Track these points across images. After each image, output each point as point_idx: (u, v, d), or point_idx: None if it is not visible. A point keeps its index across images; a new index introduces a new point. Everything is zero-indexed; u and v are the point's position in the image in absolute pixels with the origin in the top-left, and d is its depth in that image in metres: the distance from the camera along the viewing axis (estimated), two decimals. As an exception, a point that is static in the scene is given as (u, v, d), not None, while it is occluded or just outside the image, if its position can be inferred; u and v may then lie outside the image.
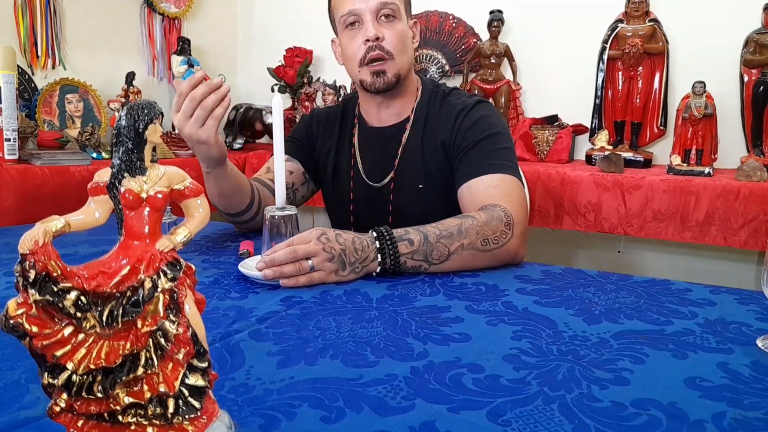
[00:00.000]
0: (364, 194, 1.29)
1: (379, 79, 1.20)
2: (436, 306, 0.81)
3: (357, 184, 1.30)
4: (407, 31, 1.23)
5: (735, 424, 0.51)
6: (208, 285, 0.89)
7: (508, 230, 1.01)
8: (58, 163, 1.75)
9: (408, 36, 1.23)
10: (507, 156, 1.16)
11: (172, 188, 0.41)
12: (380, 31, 1.17)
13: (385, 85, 1.20)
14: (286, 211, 0.94)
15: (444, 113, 1.24)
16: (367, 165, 1.29)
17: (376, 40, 1.17)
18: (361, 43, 1.18)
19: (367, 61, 1.18)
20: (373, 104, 1.28)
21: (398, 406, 0.53)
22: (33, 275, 0.37)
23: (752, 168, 1.68)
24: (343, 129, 1.34)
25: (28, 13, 2.09)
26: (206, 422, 0.42)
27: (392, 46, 1.18)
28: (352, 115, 1.34)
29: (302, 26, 2.76)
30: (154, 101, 0.41)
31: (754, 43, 1.87)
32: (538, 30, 2.29)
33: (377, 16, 1.18)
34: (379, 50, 1.17)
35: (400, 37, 1.19)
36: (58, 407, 0.40)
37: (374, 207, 1.28)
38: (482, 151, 1.16)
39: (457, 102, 1.25)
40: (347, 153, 1.32)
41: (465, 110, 1.22)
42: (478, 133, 1.18)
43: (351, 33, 1.20)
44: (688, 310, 0.81)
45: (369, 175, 1.29)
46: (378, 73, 1.19)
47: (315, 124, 1.37)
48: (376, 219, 1.26)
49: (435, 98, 1.27)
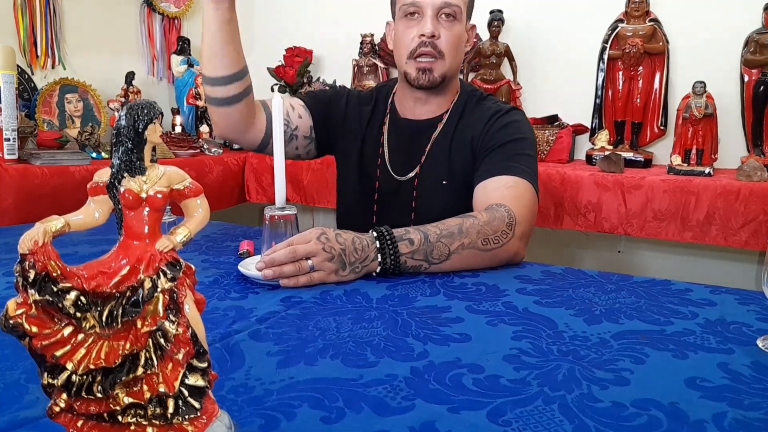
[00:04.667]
0: (389, 186, 1.29)
1: (425, 76, 1.19)
2: (437, 306, 0.81)
3: (383, 174, 1.29)
4: (464, 34, 1.22)
5: (735, 425, 0.51)
6: (207, 285, 0.89)
7: (509, 230, 1.01)
8: (58, 163, 1.75)
9: (463, 39, 1.22)
10: (528, 163, 1.16)
11: (172, 188, 0.41)
12: (438, 29, 1.17)
13: (429, 83, 1.20)
14: (286, 211, 0.94)
15: (477, 114, 1.25)
16: (393, 157, 1.29)
17: (432, 38, 1.16)
18: (415, 35, 1.18)
19: (417, 55, 1.18)
20: (410, 98, 1.28)
21: (398, 407, 0.53)
22: (33, 275, 0.37)
23: (753, 168, 1.68)
24: (374, 117, 1.33)
25: (28, 13, 2.10)
26: (206, 422, 0.42)
27: (446, 47, 1.18)
28: (385, 104, 1.33)
29: (302, 26, 2.76)
30: (153, 101, 0.41)
31: (754, 43, 1.87)
32: (539, 30, 2.29)
33: (438, 14, 1.17)
34: (431, 47, 1.17)
35: (455, 39, 1.19)
36: (58, 407, 0.40)
37: (397, 200, 1.28)
38: (505, 154, 1.16)
39: (491, 105, 1.26)
40: (375, 143, 1.31)
41: (498, 113, 1.23)
42: (506, 136, 1.18)
43: (409, 23, 1.19)
44: (688, 310, 0.81)
45: (394, 168, 1.28)
46: (425, 70, 1.19)
47: (345, 102, 1.34)
48: (398, 212, 1.27)
49: (471, 100, 1.28)
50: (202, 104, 2.51)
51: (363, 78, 2.45)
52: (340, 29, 2.64)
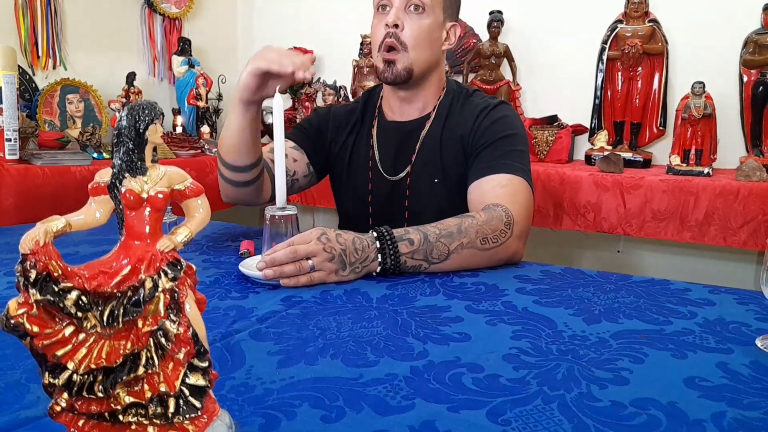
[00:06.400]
0: (381, 188, 1.29)
1: (389, 69, 1.18)
2: (436, 306, 0.81)
3: (375, 177, 1.29)
4: (435, 28, 1.20)
5: (734, 424, 0.51)
6: (208, 285, 0.89)
7: (507, 229, 1.01)
8: (59, 163, 1.75)
9: (433, 33, 1.20)
10: (520, 158, 1.16)
11: (173, 188, 0.41)
12: (402, 20, 1.16)
13: (393, 76, 1.19)
14: (286, 211, 0.94)
15: (466, 111, 1.24)
16: (384, 159, 1.29)
17: (394, 28, 1.16)
18: (382, 26, 1.17)
19: (384, 48, 1.18)
20: (395, 98, 1.27)
21: (398, 406, 0.53)
22: (34, 275, 0.38)
23: (751, 168, 1.68)
24: (363, 122, 1.33)
25: (29, 14, 2.09)
26: (207, 422, 0.42)
27: (409, 39, 1.17)
28: (373, 108, 1.33)
29: (302, 26, 2.77)
30: (154, 101, 0.41)
31: (753, 44, 1.87)
32: (538, 30, 2.30)
33: (406, 6, 1.17)
34: (394, 38, 1.16)
35: (421, 32, 1.17)
36: (59, 407, 0.41)
37: (391, 200, 1.28)
38: (497, 150, 1.16)
39: (479, 101, 1.25)
40: (365, 146, 1.31)
41: (487, 109, 1.22)
42: (496, 133, 1.18)
43: (380, 17, 1.19)
44: (687, 309, 0.81)
45: (386, 169, 1.28)
46: (388, 62, 1.18)
47: (332, 121, 1.35)
48: (392, 212, 1.27)
49: (458, 97, 1.27)
50: (203, 105, 2.51)
51: (363, 78, 2.45)
52: (340, 29, 2.65)
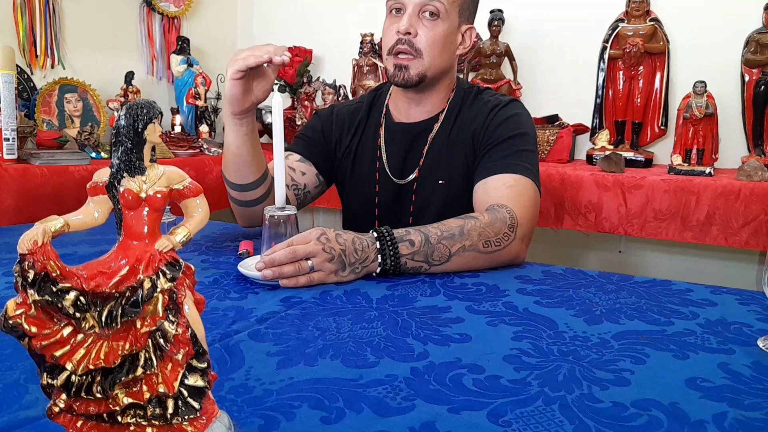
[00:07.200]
0: (388, 190, 1.27)
1: (400, 73, 1.17)
2: (437, 306, 0.81)
3: (382, 179, 1.28)
4: (450, 34, 1.19)
5: (736, 425, 0.51)
6: (207, 285, 0.89)
7: (510, 232, 1.01)
8: (57, 162, 1.75)
9: (448, 39, 1.19)
10: (528, 159, 1.15)
11: (172, 188, 0.41)
12: (416, 26, 1.15)
13: (404, 80, 1.18)
14: (286, 211, 0.94)
15: (476, 108, 1.23)
16: (392, 161, 1.27)
17: (407, 35, 1.15)
18: (395, 32, 1.17)
19: (395, 52, 1.17)
20: (404, 99, 1.26)
21: (398, 407, 0.53)
22: (32, 275, 0.37)
23: (753, 168, 1.68)
24: (369, 122, 1.31)
25: (27, 13, 2.09)
26: (206, 423, 0.42)
27: (423, 45, 1.16)
28: (380, 108, 1.31)
29: (302, 26, 2.76)
30: (153, 101, 0.41)
31: (754, 43, 1.87)
32: (539, 29, 2.29)
33: (419, 11, 1.16)
34: (407, 45, 1.16)
35: (435, 38, 1.16)
36: (58, 407, 0.40)
37: (397, 203, 1.27)
38: (505, 150, 1.15)
39: (489, 99, 1.24)
40: (372, 147, 1.30)
41: (498, 106, 1.21)
42: (507, 131, 1.17)
43: (393, 19, 1.19)
44: (688, 310, 0.81)
45: (394, 172, 1.27)
46: (400, 66, 1.17)
47: (336, 123, 1.33)
48: (397, 215, 1.26)
49: (468, 96, 1.26)
50: (201, 104, 2.51)
51: (363, 78, 2.45)
52: (340, 29, 2.65)
